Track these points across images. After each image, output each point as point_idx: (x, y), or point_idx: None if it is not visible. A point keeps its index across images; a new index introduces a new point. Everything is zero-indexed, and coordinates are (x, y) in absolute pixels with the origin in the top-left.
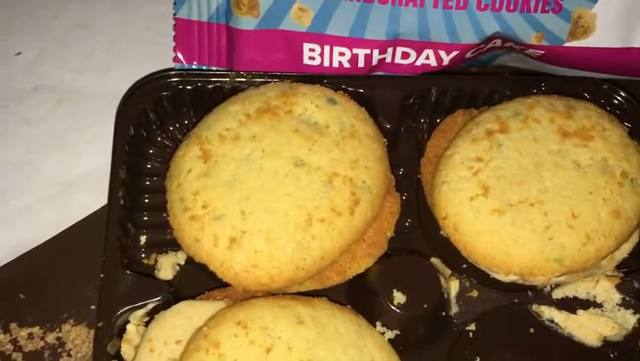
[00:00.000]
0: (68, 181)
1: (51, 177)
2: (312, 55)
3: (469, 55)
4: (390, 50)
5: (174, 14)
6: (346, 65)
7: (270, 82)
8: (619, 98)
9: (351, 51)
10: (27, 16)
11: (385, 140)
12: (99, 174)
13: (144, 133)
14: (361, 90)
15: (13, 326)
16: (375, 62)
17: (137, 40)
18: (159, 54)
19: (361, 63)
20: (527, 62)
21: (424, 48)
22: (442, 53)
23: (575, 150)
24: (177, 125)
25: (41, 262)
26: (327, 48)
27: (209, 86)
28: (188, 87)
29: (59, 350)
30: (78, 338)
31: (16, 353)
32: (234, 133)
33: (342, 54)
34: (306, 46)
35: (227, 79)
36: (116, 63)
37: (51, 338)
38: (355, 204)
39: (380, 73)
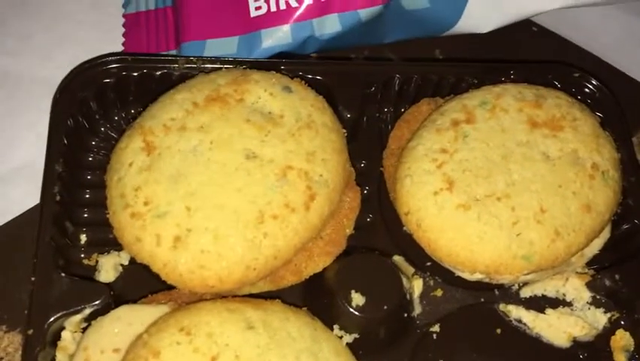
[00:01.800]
0: (2, 174)
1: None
2: (257, 5)
3: None
4: None
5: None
6: (294, 4)
7: (221, 68)
8: (590, 86)
9: None
10: None
11: (345, 131)
12: (36, 166)
13: (85, 123)
14: (320, 77)
15: None
16: None
17: (81, 21)
18: (105, 37)
19: None
20: None
21: None
22: None
23: (544, 141)
24: (123, 114)
25: (4, 258)
26: None
27: (157, 73)
28: (134, 74)
29: None
30: (11, 345)
31: None
32: (180, 123)
33: None
34: None
35: (176, 65)
36: (57, 46)
37: None
38: (311, 199)
39: (335, 14)
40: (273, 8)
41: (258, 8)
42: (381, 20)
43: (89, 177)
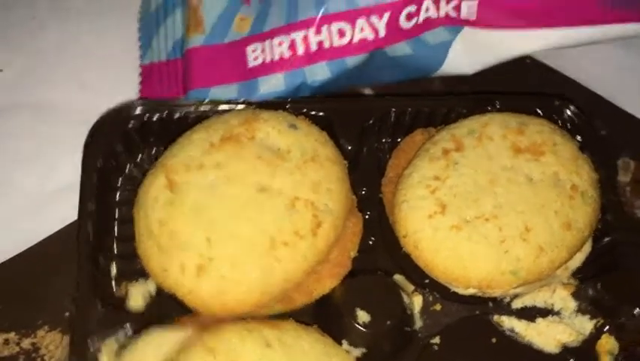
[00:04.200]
0: (46, 193)
1: (29, 189)
2: (255, 55)
3: (404, 23)
4: (325, 29)
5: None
6: (286, 54)
7: (233, 109)
8: (569, 112)
9: (289, 37)
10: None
11: (346, 161)
12: (76, 186)
13: (112, 163)
14: (322, 113)
15: None
16: (314, 46)
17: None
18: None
19: (300, 50)
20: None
21: (355, 17)
22: (375, 20)
23: (527, 164)
24: (144, 155)
25: (18, 272)
26: (267, 43)
27: (175, 116)
28: (154, 118)
29: (33, 355)
30: (52, 343)
31: None
32: (199, 161)
33: (280, 43)
34: (249, 48)
35: (192, 108)
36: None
37: (26, 343)
38: (318, 226)
39: (324, 63)
40: (268, 59)
41: (255, 59)
42: (367, 66)
43: (117, 213)
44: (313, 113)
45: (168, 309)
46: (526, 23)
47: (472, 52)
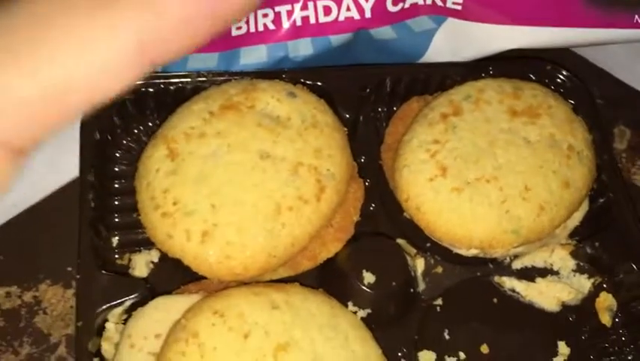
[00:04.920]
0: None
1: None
2: (238, 25)
3: (390, 6)
4: (311, 5)
5: None
6: (271, 26)
7: (230, 80)
8: (562, 77)
9: (273, 10)
10: None
11: (345, 129)
12: (70, 147)
13: (109, 137)
14: (319, 83)
15: None
16: (299, 21)
17: None
18: None
19: (285, 23)
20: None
21: None
22: (362, 0)
23: (524, 127)
24: (141, 127)
25: (18, 223)
26: (252, 13)
27: (171, 87)
28: (151, 89)
29: (35, 308)
30: (54, 297)
31: None
32: (199, 131)
33: (265, 15)
34: None
35: (189, 79)
36: None
37: (28, 296)
38: (321, 191)
39: (308, 39)
40: (252, 29)
41: (238, 28)
42: (351, 47)
43: (116, 186)
44: (310, 82)
45: (173, 277)
46: (512, 20)
47: (454, 43)
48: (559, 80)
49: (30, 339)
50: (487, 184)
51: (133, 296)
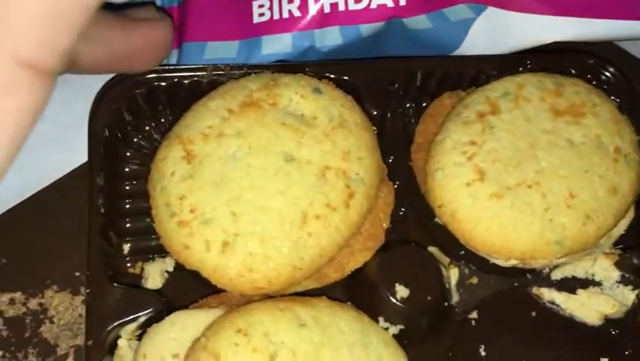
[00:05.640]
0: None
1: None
2: (261, 11)
3: None
4: None
5: None
6: (296, 13)
7: (249, 73)
8: (606, 72)
9: None
10: None
11: (374, 128)
12: (71, 137)
13: (119, 134)
14: (346, 77)
15: None
16: (327, 8)
17: None
18: None
19: (312, 10)
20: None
21: None
22: None
23: (567, 127)
24: (153, 124)
25: (22, 223)
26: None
27: (186, 82)
28: (163, 83)
29: (41, 317)
30: (61, 304)
31: None
32: (218, 130)
33: (290, 1)
34: (256, 2)
35: (205, 72)
36: None
37: (33, 303)
38: (350, 197)
39: (336, 27)
40: (276, 16)
41: (261, 15)
42: (383, 37)
43: (127, 188)
44: (334, 76)
45: (190, 289)
46: (556, 10)
47: (493, 34)
48: (602, 76)
49: (35, 350)
50: (529, 190)
51: (147, 311)
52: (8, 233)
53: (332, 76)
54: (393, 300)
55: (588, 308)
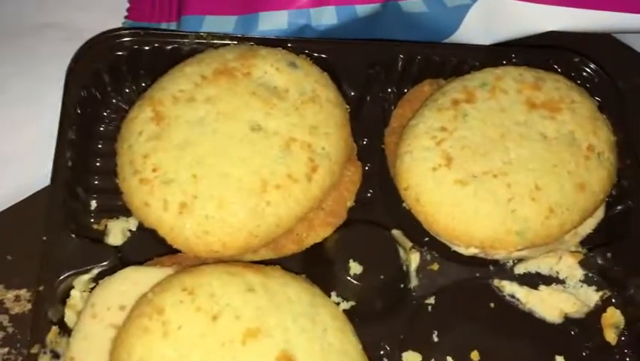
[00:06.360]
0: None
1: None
2: None
3: None
4: None
5: None
6: None
7: (229, 44)
8: (589, 71)
9: None
10: None
11: (348, 107)
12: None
13: (98, 95)
14: (324, 55)
15: None
16: None
17: None
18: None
19: None
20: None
21: None
22: None
23: (542, 121)
24: (134, 87)
25: (27, 221)
26: None
27: (168, 47)
28: (145, 47)
29: None
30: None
31: (2, 316)
32: (189, 95)
33: None
34: None
35: (187, 40)
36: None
37: None
38: (313, 170)
39: (332, 7)
40: None
41: None
42: (378, 19)
43: (99, 146)
44: (315, 54)
45: (148, 248)
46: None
47: (490, 21)
48: (585, 74)
49: None
50: (495, 179)
51: (102, 264)
52: (13, 231)
53: (313, 54)
54: (346, 276)
55: (549, 305)
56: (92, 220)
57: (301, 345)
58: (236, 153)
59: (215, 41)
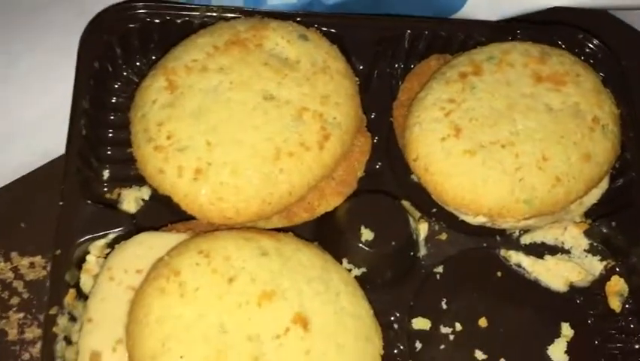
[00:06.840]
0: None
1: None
2: None
3: None
4: None
5: None
6: None
7: (240, 17)
8: (593, 47)
9: None
10: None
11: (357, 79)
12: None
13: (109, 67)
14: (334, 30)
15: (14, 254)
16: None
17: None
18: None
19: None
20: None
21: None
22: None
23: (547, 93)
24: (144, 60)
25: (41, 187)
26: None
27: (178, 20)
28: (157, 20)
29: None
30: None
31: (17, 281)
32: (202, 64)
33: None
34: None
35: (198, 13)
36: None
37: None
38: (325, 139)
39: None
40: None
41: None
42: None
43: (112, 118)
44: (325, 28)
45: (162, 216)
46: None
47: None
48: (589, 50)
49: None
50: (502, 149)
51: (118, 230)
52: (27, 197)
53: (322, 28)
54: (358, 243)
55: (554, 274)
56: (105, 189)
57: (315, 308)
58: (249, 121)
59: (226, 14)
